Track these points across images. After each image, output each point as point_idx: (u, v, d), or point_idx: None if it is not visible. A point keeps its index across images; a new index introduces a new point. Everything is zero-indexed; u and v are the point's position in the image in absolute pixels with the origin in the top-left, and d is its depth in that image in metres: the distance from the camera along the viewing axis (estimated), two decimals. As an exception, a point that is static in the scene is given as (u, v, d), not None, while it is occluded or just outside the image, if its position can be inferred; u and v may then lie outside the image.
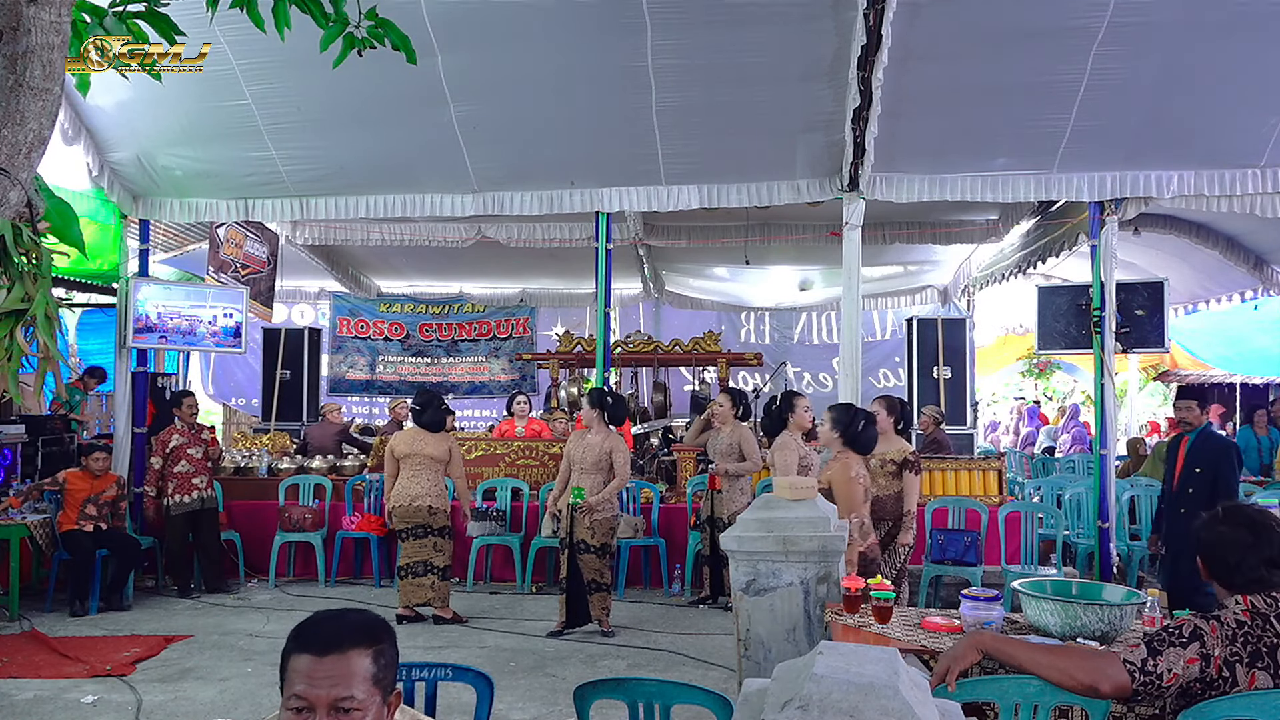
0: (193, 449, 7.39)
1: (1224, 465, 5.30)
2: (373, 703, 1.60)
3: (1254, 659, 2.29)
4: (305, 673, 1.58)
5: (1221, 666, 2.30)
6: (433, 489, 6.43)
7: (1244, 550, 2.37)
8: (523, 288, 13.29)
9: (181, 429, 7.45)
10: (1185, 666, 2.31)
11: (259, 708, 4.71)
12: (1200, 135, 6.84)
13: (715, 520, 6.78)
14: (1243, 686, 2.28)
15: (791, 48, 6.27)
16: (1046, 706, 2.55)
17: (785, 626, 4.21)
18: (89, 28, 3.12)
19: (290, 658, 1.62)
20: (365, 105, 6.86)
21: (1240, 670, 2.29)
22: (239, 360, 12.67)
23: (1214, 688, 2.31)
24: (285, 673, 1.62)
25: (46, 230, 2.55)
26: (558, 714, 4.67)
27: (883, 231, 9.70)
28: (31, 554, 6.98)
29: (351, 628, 1.64)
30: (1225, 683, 2.30)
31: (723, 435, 7.09)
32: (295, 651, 1.62)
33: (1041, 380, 18.25)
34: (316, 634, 1.63)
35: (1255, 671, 2.28)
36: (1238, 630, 2.33)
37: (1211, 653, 2.30)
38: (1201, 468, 5.34)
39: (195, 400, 7.76)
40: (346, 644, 1.60)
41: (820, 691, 1.76)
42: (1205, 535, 2.51)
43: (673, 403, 11.16)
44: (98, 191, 7.61)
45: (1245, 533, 2.39)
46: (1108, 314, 7.13)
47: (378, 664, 1.62)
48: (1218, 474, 5.29)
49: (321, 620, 1.67)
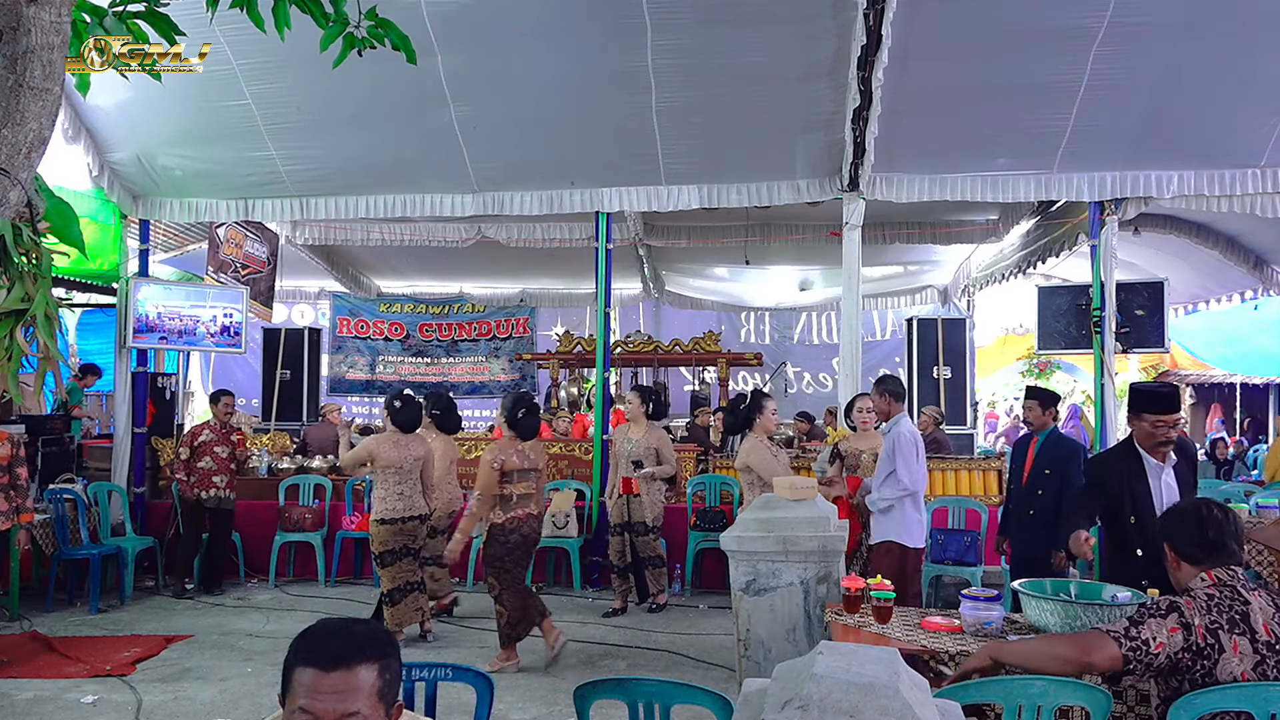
0: (220, 447, 7.39)
1: (1072, 467, 5.27)
2: (377, 716, 1.59)
3: (1232, 626, 2.45)
4: (310, 686, 1.57)
5: (1205, 634, 2.43)
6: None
7: (1215, 525, 2.59)
8: (523, 288, 13.29)
9: (214, 425, 7.46)
10: (1169, 635, 2.45)
11: (259, 708, 4.71)
12: (1200, 135, 6.84)
13: (633, 525, 6.66)
14: (1229, 652, 2.41)
15: (791, 48, 6.27)
16: (1049, 707, 2.55)
17: (785, 626, 4.21)
18: (89, 28, 3.12)
19: (294, 669, 1.60)
20: (365, 105, 6.86)
21: (1224, 636, 2.43)
22: (239, 360, 12.66)
23: (1203, 656, 2.42)
24: (288, 683, 1.60)
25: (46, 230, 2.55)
26: (558, 714, 4.67)
27: (883, 231, 9.70)
28: (31, 554, 6.97)
29: (358, 642, 1.62)
30: (1213, 649, 2.42)
31: (635, 437, 6.79)
32: (300, 664, 1.59)
33: (1041, 380, 18.24)
34: (322, 648, 1.60)
35: (1235, 638, 2.43)
36: (1210, 602, 2.49)
37: (1192, 621, 2.45)
38: (1050, 469, 5.31)
39: (232, 400, 7.77)
40: (354, 659, 1.59)
41: (820, 691, 1.76)
42: (1173, 517, 2.72)
43: (672, 403, 11.15)
44: (98, 191, 7.61)
45: (1216, 511, 2.63)
46: (1108, 314, 7.14)
47: (383, 678, 1.61)
48: (1066, 476, 5.26)
49: (327, 634, 1.64)
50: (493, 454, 5.28)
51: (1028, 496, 5.45)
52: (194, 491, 7.26)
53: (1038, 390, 5.77)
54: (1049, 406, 5.55)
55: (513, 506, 5.32)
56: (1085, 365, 13.74)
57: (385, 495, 5.79)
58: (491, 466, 5.23)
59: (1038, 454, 5.47)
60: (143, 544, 7.41)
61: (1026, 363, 17.49)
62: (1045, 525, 5.19)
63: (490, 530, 5.28)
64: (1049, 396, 5.62)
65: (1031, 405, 5.60)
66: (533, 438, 5.51)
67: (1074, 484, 5.23)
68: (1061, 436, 5.65)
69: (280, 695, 1.63)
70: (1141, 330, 7.44)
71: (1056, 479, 5.28)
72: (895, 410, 5.41)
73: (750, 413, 6.05)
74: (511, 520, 5.28)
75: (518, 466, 5.33)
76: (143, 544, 7.41)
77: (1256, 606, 2.48)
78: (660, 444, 6.78)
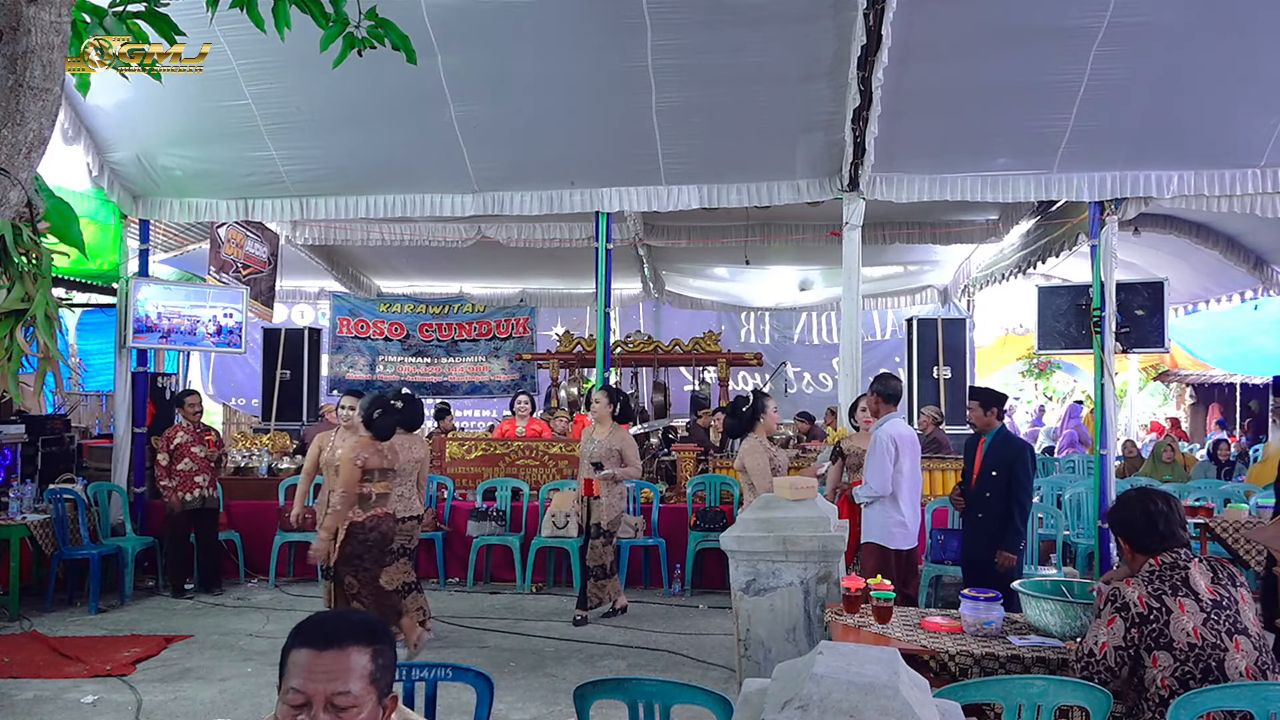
0: (196, 447, 7.39)
1: (1019, 468, 5.19)
2: (369, 701, 1.62)
3: (1175, 590, 2.70)
4: (304, 666, 1.61)
5: (1147, 599, 2.69)
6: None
7: (1164, 518, 2.83)
8: (523, 288, 13.30)
9: (186, 427, 7.45)
10: (1108, 629, 2.71)
11: (259, 708, 4.71)
12: (1200, 135, 6.84)
13: (592, 527, 6.47)
14: (1176, 612, 2.65)
15: (791, 48, 6.27)
16: (1049, 707, 2.55)
17: (785, 626, 4.21)
18: (89, 28, 3.12)
19: (290, 652, 1.65)
20: (365, 105, 6.85)
21: (1168, 600, 2.68)
22: (239, 360, 12.67)
23: (1149, 620, 2.67)
24: (284, 667, 1.65)
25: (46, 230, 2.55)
26: (558, 714, 4.67)
27: (883, 231, 9.71)
28: (31, 554, 6.98)
29: (352, 626, 1.68)
30: (1159, 612, 2.67)
31: (598, 438, 6.61)
32: (295, 646, 1.65)
33: (1041, 380, 18.26)
34: (317, 629, 1.66)
35: (1180, 599, 2.67)
36: (1151, 574, 2.77)
37: (1130, 598, 2.70)
38: (997, 471, 5.22)
39: (199, 399, 7.74)
40: (346, 640, 1.63)
41: (820, 691, 1.76)
42: (1124, 514, 2.93)
43: (672, 403, 11.16)
44: (98, 191, 7.61)
45: (1161, 504, 2.87)
46: (1108, 314, 7.13)
47: (375, 663, 1.65)
48: (1012, 476, 5.18)
49: (324, 618, 1.71)
50: (354, 451, 5.34)
51: (976, 499, 5.32)
52: (178, 495, 7.24)
53: (979, 390, 5.63)
54: (991, 407, 5.38)
55: (371, 505, 5.39)
56: (1085, 365, 13.76)
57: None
58: (354, 464, 5.28)
59: (985, 455, 5.34)
60: (143, 544, 7.41)
61: (1026, 363, 17.52)
62: (992, 528, 5.15)
63: (349, 529, 5.29)
64: (990, 396, 5.46)
65: (973, 406, 5.47)
66: (387, 438, 5.52)
67: (1021, 484, 5.17)
68: (1009, 436, 5.52)
69: (279, 686, 1.66)
70: (1141, 330, 7.44)
71: (1003, 480, 5.18)
72: (884, 410, 5.39)
73: (754, 414, 6.01)
74: (370, 519, 5.35)
75: (377, 465, 5.40)
76: (143, 544, 7.41)
77: (1196, 573, 2.74)
78: (624, 445, 6.60)
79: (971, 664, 3.14)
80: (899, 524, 5.18)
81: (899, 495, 5.15)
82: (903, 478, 5.16)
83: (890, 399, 5.40)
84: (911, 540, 5.27)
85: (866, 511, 5.27)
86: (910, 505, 5.24)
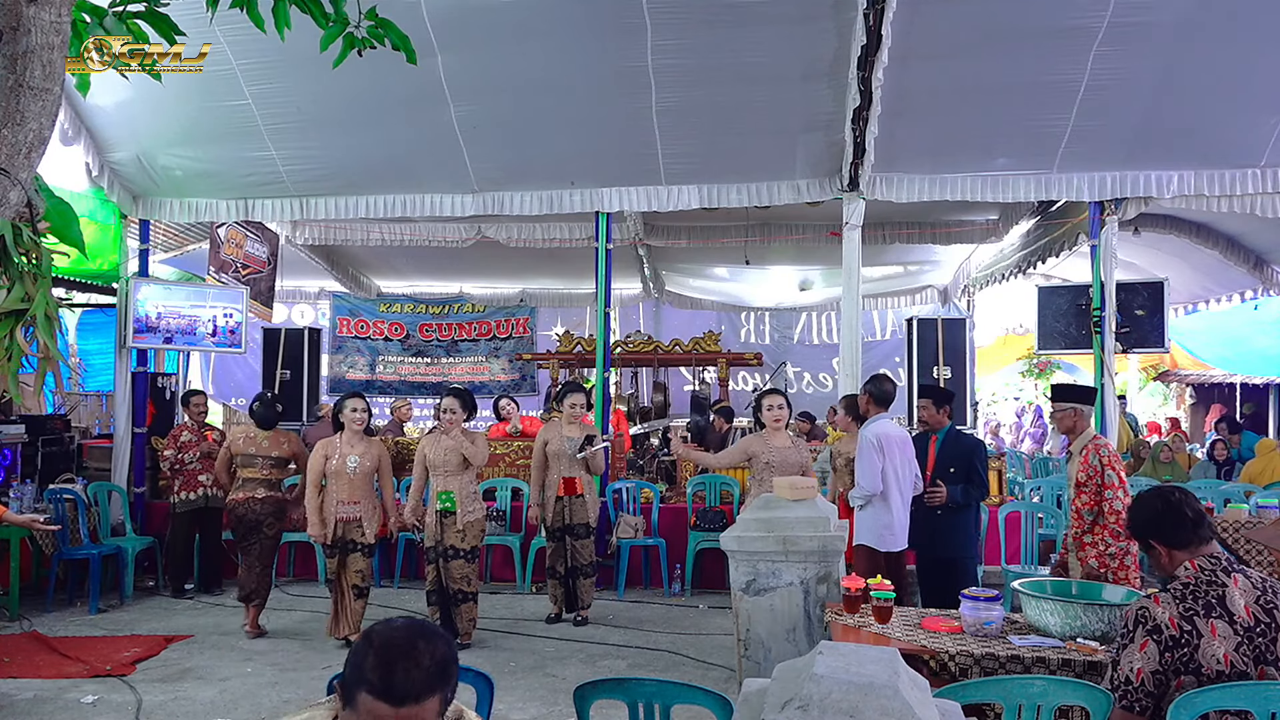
0: (200, 447, 7.39)
1: (975, 462, 5.28)
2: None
3: (1208, 610, 2.50)
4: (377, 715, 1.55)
5: (1179, 622, 2.49)
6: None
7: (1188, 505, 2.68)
8: (523, 288, 13.29)
9: (191, 426, 7.45)
10: (1140, 653, 2.50)
11: (259, 708, 4.71)
12: (1200, 135, 6.84)
13: (573, 528, 6.33)
14: (1207, 636, 2.47)
15: (791, 48, 6.27)
16: (1049, 707, 2.55)
17: (785, 626, 4.21)
18: (89, 28, 3.12)
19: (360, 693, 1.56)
20: (365, 105, 6.86)
21: (1199, 622, 2.49)
22: (239, 360, 12.66)
23: (1180, 645, 2.47)
24: (354, 696, 1.57)
25: (46, 230, 2.55)
26: (558, 714, 4.67)
27: (883, 231, 9.70)
28: (31, 554, 6.98)
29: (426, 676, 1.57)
30: (1190, 635, 2.48)
31: (573, 436, 6.37)
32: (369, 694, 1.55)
33: (1041, 380, 18.25)
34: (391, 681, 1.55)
35: (1213, 621, 2.48)
36: (1185, 590, 2.56)
37: (1162, 619, 2.50)
38: (955, 467, 5.28)
39: (204, 400, 7.74)
40: (423, 695, 1.56)
41: (820, 691, 1.76)
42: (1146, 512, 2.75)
43: (672, 403, 11.15)
44: (98, 191, 7.61)
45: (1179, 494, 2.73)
46: (1108, 314, 7.14)
47: (445, 699, 1.62)
48: (970, 471, 5.25)
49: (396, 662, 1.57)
50: (230, 437, 6.41)
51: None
52: (182, 494, 7.23)
53: (930, 389, 5.67)
54: (943, 405, 5.45)
55: (238, 488, 6.17)
56: (1085, 365, 13.72)
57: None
58: (227, 448, 6.28)
59: (939, 453, 5.39)
60: (143, 544, 7.41)
61: (1026, 363, 17.51)
62: (952, 524, 5.24)
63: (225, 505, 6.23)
64: (942, 395, 5.51)
65: (925, 404, 5.50)
66: (267, 428, 6.29)
67: (980, 477, 5.26)
68: (960, 434, 5.58)
69: (340, 687, 1.61)
70: (1141, 330, 7.44)
71: (961, 477, 5.25)
72: (872, 411, 5.37)
73: (756, 414, 6.11)
74: (232, 501, 6.19)
75: (242, 451, 6.21)
76: (143, 544, 7.41)
77: (1237, 590, 2.53)
78: (593, 430, 6.63)
79: (971, 664, 3.14)
80: (886, 525, 5.19)
81: (888, 495, 5.14)
82: (891, 477, 5.16)
83: (881, 401, 5.38)
84: (901, 542, 5.25)
85: (858, 513, 5.27)
86: (899, 506, 5.23)
